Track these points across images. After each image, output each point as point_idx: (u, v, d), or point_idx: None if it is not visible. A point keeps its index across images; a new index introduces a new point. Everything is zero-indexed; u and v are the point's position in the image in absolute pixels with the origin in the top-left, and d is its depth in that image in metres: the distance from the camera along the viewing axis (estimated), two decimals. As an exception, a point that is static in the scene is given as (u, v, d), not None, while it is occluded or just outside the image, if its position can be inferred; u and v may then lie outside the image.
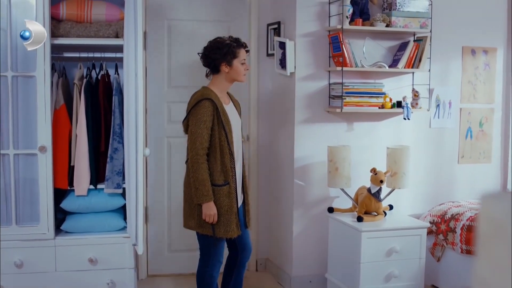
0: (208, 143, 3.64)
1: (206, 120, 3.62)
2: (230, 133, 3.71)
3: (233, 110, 3.89)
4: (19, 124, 4.07)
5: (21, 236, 4.11)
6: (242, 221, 3.88)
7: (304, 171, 4.74)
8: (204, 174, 3.61)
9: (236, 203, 3.77)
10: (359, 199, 4.52)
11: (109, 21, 4.26)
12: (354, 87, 4.57)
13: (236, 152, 3.79)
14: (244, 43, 3.86)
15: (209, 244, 3.79)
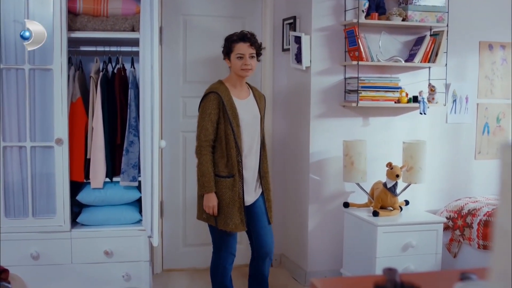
0: (213, 135, 3.69)
1: (211, 113, 3.68)
2: (237, 127, 3.70)
3: (251, 104, 3.84)
4: (35, 117, 4.10)
5: (37, 228, 4.13)
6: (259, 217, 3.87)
7: (319, 166, 4.73)
8: (206, 165, 3.66)
9: (242, 198, 3.75)
10: (375, 193, 4.50)
11: (125, 15, 4.28)
12: (370, 82, 4.55)
13: (248, 146, 3.77)
14: (246, 36, 3.78)
15: (218, 236, 3.84)
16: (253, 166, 3.83)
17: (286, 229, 5.24)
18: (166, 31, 4.97)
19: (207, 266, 5.15)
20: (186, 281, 4.90)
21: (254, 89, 3.96)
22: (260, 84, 5.15)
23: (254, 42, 3.78)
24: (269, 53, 5.11)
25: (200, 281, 4.86)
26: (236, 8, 5.13)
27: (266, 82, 5.14)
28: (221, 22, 5.08)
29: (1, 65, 4.00)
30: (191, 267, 5.15)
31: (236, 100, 3.76)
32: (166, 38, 4.98)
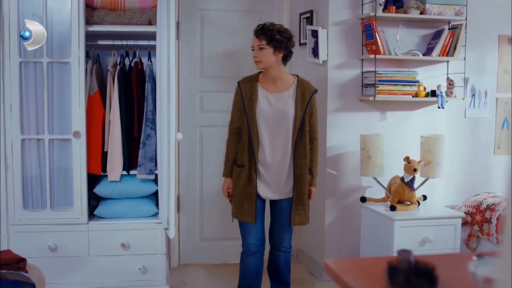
0: (237, 123, 3.82)
1: (235, 103, 3.91)
2: (252, 120, 3.71)
3: (282, 100, 3.76)
4: (53, 110, 4.13)
5: (55, 220, 4.17)
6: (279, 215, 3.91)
7: (336, 160, 4.71)
8: (227, 151, 3.89)
9: (255, 190, 3.77)
10: (392, 188, 4.47)
11: (142, 8, 4.30)
12: (388, 75, 4.53)
13: (267, 141, 3.76)
14: (256, 29, 3.77)
15: (239, 226, 3.94)
16: (278, 162, 3.78)
17: (303, 224, 5.22)
18: (183, 26, 4.99)
19: (224, 261, 5.18)
20: (202, 276, 4.91)
21: (301, 84, 3.82)
22: (277, 79, 5.14)
23: (262, 34, 3.70)
24: (286, 48, 5.10)
25: (216, 276, 4.86)
26: (253, 2, 5.13)
27: (283, 76, 5.13)
28: (238, 17, 5.09)
29: (20, 58, 4.04)
30: (208, 262, 5.16)
31: (264, 93, 3.77)
32: (183, 32, 5.00)
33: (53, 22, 4.08)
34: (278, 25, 3.80)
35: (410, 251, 1.59)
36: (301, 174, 3.79)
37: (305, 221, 3.91)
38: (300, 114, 3.74)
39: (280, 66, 3.79)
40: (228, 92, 5.08)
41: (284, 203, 3.87)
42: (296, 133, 3.74)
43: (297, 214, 3.84)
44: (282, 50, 3.73)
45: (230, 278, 4.80)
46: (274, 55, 3.73)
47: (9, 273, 3.11)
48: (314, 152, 3.87)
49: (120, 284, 4.24)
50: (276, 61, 3.74)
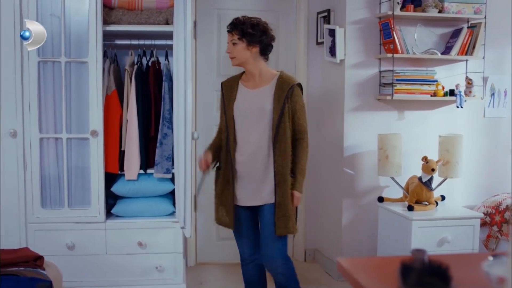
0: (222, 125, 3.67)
1: (220, 105, 3.73)
2: (230, 118, 3.53)
3: (260, 96, 3.50)
4: (71, 109, 4.17)
5: (73, 218, 4.20)
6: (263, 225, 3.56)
7: (353, 160, 4.69)
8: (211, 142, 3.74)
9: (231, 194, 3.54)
10: (410, 188, 4.44)
11: (159, 8, 4.31)
12: (405, 74, 4.50)
13: (244, 141, 3.51)
14: (229, 24, 3.55)
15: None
16: (256, 163, 3.49)
17: (319, 223, 5.21)
18: (200, 25, 5.00)
19: (240, 261, 5.17)
20: (219, 275, 4.91)
21: (282, 78, 3.52)
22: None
23: (234, 28, 3.48)
24: (303, 47, 5.10)
25: (233, 276, 4.85)
26: (270, 1, 5.13)
27: (300, 75, 5.12)
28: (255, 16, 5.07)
29: (39, 58, 4.08)
30: (225, 261, 5.16)
31: (243, 90, 3.57)
32: (200, 32, 5.01)
33: (71, 22, 4.11)
34: (253, 18, 3.55)
35: (424, 251, 1.57)
36: (283, 176, 3.44)
37: (290, 229, 3.47)
38: (278, 109, 3.42)
39: (258, 61, 3.52)
40: (245, 92, 5.11)
41: (266, 210, 3.50)
42: (274, 130, 3.43)
43: (280, 221, 3.45)
44: (256, 44, 3.46)
45: (246, 277, 4.80)
46: (248, 50, 3.47)
47: (26, 270, 3.14)
48: (300, 153, 3.50)
49: (137, 282, 4.26)
50: (251, 56, 3.48)
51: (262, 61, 3.57)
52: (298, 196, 3.50)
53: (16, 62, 4.04)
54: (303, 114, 3.54)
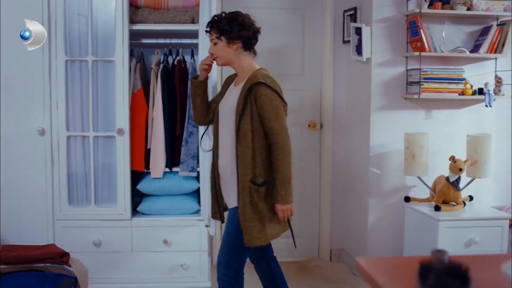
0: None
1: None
2: (216, 116, 3.42)
3: (233, 94, 3.32)
4: (98, 107, 4.21)
5: (99, 216, 4.24)
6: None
7: (380, 159, 4.65)
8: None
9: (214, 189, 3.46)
10: (437, 188, 4.38)
11: (185, 7, 4.33)
12: (433, 73, 4.45)
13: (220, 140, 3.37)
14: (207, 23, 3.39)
15: None
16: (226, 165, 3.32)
17: (345, 223, 5.18)
18: (227, 24, 5.00)
19: (266, 259, 5.16)
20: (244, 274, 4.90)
21: (250, 77, 3.25)
22: (320, 76, 5.12)
23: (212, 28, 3.32)
24: (329, 45, 5.07)
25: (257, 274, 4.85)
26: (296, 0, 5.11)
27: (326, 74, 5.10)
28: (281, 15, 5.09)
29: (66, 57, 4.12)
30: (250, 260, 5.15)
31: (230, 87, 3.42)
32: (227, 31, 5.01)
33: (98, 21, 4.15)
34: (232, 13, 3.38)
35: (444, 251, 1.55)
36: (242, 183, 3.17)
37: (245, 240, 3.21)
38: (239, 110, 3.18)
39: (243, 58, 3.33)
40: (271, 90, 5.10)
41: (230, 214, 3.34)
42: (236, 132, 3.20)
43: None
44: (236, 40, 3.27)
45: (271, 276, 4.79)
46: (229, 47, 3.29)
47: (53, 266, 3.19)
48: (276, 161, 3.17)
49: (162, 280, 4.28)
50: (235, 54, 3.30)
51: (248, 57, 3.36)
52: (280, 209, 3.20)
53: (44, 61, 4.09)
54: (273, 115, 3.16)
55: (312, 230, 5.29)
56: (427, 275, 1.43)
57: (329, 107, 5.13)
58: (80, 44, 4.16)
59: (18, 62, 4.08)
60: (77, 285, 3.08)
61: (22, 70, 4.10)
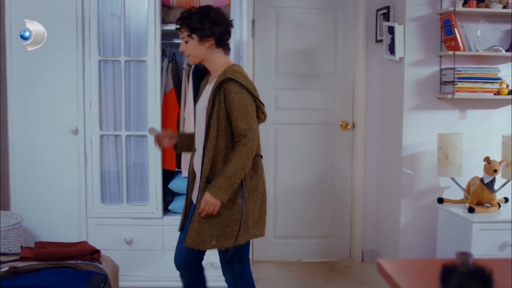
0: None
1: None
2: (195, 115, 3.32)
3: (206, 93, 3.17)
4: (131, 107, 4.26)
5: (131, 214, 4.29)
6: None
7: (412, 159, 4.59)
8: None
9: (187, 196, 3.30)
10: (471, 189, 4.31)
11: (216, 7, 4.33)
12: (467, 72, 4.37)
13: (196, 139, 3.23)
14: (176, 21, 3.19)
15: None
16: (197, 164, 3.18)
17: (377, 224, 5.14)
18: (258, 24, 5.01)
19: (297, 259, 5.17)
20: (274, 273, 4.91)
21: (221, 75, 3.07)
22: (352, 76, 5.09)
23: (182, 25, 3.12)
24: (362, 45, 5.03)
25: (288, 274, 4.85)
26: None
27: (359, 73, 5.06)
28: (313, 14, 5.07)
29: (99, 57, 4.18)
30: (281, 259, 5.16)
31: (206, 87, 3.24)
32: (258, 30, 5.02)
33: (131, 21, 4.20)
34: (202, 8, 3.18)
35: (469, 254, 1.53)
36: (202, 181, 3.04)
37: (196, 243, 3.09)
38: (209, 108, 3.03)
39: (216, 55, 3.14)
40: (303, 90, 5.10)
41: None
42: (205, 128, 3.05)
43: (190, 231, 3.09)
44: (209, 37, 3.08)
45: (302, 276, 4.79)
46: (201, 45, 3.09)
47: (84, 263, 3.23)
48: (232, 155, 2.97)
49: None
50: (208, 52, 3.11)
51: (222, 54, 3.17)
52: (207, 199, 2.95)
53: (78, 62, 4.16)
54: (241, 114, 2.99)
55: (344, 231, 5.26)
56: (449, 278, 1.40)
57: (361, 107, 5.09)
58: (113, 44, 4.22)
59: (53, 62, 4.17)
60: (107, 282, 3.11)
61: (56, 70, 4.18)
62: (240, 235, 3.04)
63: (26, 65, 4.17)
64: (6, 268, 3.08)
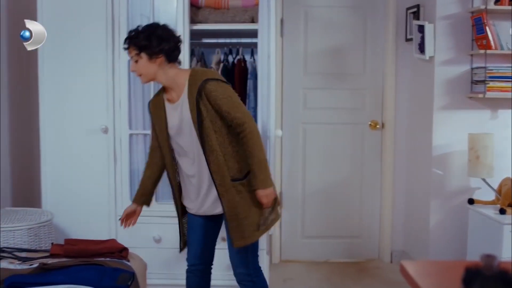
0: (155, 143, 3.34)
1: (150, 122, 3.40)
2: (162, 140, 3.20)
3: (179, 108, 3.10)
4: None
5: (160, 212, 4.31)
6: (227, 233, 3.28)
7: (442, 160, 4.54)
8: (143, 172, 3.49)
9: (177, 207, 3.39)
10: (503, 190, 4.24)
11: (245, 6, 4.35)
12: (499, 71, 4.30)
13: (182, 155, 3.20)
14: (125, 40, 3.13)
15: None
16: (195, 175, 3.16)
17: (407, 225, 5.09)
18: (287, 23, 5.01)
19: (325, 259, 5.16)
20: (302, 273, 4.90)
21: (191, 78, 3.06)
22: (382, 75, 5.05)
23: (130, 44, 3.08)
24: (391, 44, 5.00)
25: (316, 274, 4.84)
26: (358, -2, 5.07)
27: (388, 73, 5.02)
28: (342, 13, 5.05)
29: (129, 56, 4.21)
30: (309, 259, 5.15)
31: (169, 107, 3.16)
32: (287, 29, 5.02)
33: (160, 21, 4.20)
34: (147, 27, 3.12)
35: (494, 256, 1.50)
36: (222, 185, 3.06)
37: (245, 239, 3.14)
38: (194, 113, 3.02)
39: (168, 70, 3.09)
40: (331, 89, 5.09)
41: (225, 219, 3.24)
42: (200, 139, 3.04)
43: (234, 232, 3.15)
44: (158, 54, 3.03)
45: (330, 276, 4.78)
46: (152, 62, 3.05)
47: (111, 261, 3.27)
48: (248, 148, 3.02)
49: (221, 277, 4.30)
50: (159, 68, 3.06)
51: (174, 68, 3.13)
52: (263, 195, 3.05)
53: (108, 61, 4.21)
54: (231, 105, 3.02)
55: (373, 231, 5.22)
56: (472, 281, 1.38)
57: (391, 107, 5.05)
58: (142, 44, 4.25)
59: (83, 62, 4.22)
60: (134, 280, 3.14)
61: (87, 70, 4.23)
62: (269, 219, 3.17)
63: (57, 65, 4.23)
64: (36, 265, 3.14)
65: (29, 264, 3.18)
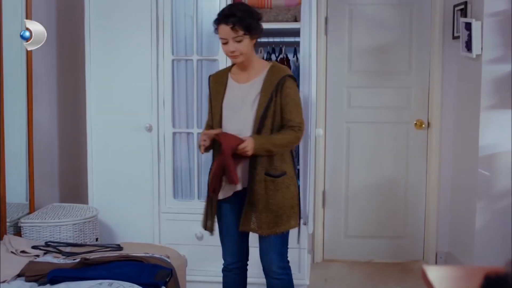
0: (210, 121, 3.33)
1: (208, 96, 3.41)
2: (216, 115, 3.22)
3: (249, 88, 3.17)
4: (202, 105, 4.33)
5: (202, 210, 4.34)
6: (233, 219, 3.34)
7: (489, 160, 4.43)
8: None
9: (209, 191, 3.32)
10: (552, 192, 4.12)
11: (288, 5, 4.36)
12: (549, 70, 4.18)
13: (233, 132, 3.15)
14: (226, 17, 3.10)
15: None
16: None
17: (452, 226, 5.00)
18: (332, 21, 4.99)
19: (368, 259, 5.12)
20: (344, 272, 4.88)
21: (273, 69, 3.18)
22: (428, 74, 4.97)
23: (237, 23, 3.06)
24: (438, 42, 4.91)
25: (358, 274, 4.81)
26: (403, -5, 5.00)
27: (434, 71, 4.94)
28: (387, 10, 5.00)
29: (172, 56, 4.29)
30: (352, 259, 5.12)
31: (234, 85, 3.23)
32: (332, 28, 5.00)
33: (203, 21, 4.27)
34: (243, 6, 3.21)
35: (519, 264, 1.47)
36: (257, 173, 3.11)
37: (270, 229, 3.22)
38: (263, 103, 3.08)
39: (253, 52, 3.23)
40: (377, 88, 5.04)
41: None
42: (258, 123, 3.09)
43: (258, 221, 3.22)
44: (258, 34, 3.16)
45: (373, 276, 4.74)
46: (252, 42, 3.16)
47: (151, 257, 3.34)
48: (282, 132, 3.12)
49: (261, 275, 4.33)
50: (252, 49, 3.20)
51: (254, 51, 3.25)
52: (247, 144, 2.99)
53: (152, 61, 4.29)
54: (295, 108, 3.14)
55: (417, 232, 5.15)
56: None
57: (437, 106, 4.96)
58: (186, 44, 4.32)
59: (128, 61, 4.31)
60: (172, 276, 3.20)
61: (131, 69, 4.32)
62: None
63: (103, 64, 4.34)
64: (78, 259, 3.23)
65: (72, 259, 3.28)
